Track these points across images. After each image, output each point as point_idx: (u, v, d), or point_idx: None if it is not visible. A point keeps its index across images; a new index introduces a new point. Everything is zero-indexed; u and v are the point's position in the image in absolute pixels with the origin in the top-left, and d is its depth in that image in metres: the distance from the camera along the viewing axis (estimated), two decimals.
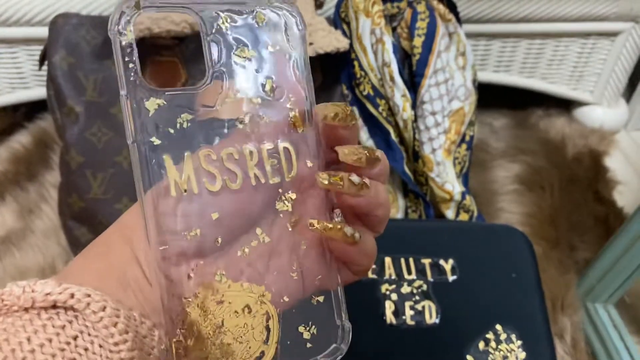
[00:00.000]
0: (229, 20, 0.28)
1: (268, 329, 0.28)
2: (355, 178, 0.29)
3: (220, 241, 0.27)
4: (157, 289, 0.26)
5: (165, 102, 0.27)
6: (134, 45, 0.26)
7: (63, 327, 0.24)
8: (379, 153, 0.30)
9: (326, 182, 0.28)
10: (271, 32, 0.29)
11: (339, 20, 0.73)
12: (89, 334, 0.24)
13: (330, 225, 0.29)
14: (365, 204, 0.29)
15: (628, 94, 1.14)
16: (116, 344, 0.24)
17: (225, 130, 0.28)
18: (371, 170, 0.30)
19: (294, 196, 0.29)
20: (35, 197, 0.86)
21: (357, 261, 0.30)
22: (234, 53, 0.28)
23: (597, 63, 1.03)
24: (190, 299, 0.27)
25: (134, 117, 0.26)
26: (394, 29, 0.71)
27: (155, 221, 0.26)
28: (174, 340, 0.26)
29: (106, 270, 0.27)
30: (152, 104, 0.26)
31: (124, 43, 0.26)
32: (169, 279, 0.26)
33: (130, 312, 0.26)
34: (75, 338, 0.24)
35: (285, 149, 0.29)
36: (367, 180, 0.29)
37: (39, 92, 0.94)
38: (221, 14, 0.28)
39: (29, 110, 1.02)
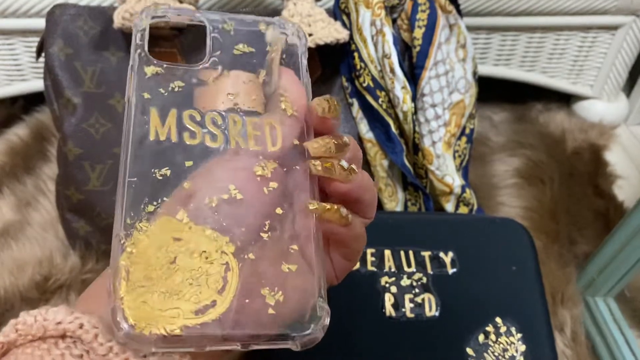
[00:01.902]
0: (233, 24, 0.32)
1: (225, 280, 0.26)
2: (344, 163, 0.29)
3: (189, 186, 0.27)
4: (116, 216, 0.26)
5: (163, 71, 0.30)
6: (146, 32, 0.31)
7: (81, 356, 0.24)
8: (347, 137, 0.30)
9: (319, 167, 0.29)
10: (271, 38, 0.33)
11: (338, 12, 0.73)
12: None
13: (328, 207, 0.29)
14: (355, 189, 0.30)
15: (628, 88, 1.13)
16: None
17: (215, 102, 0.30)
18: (341, 155, 0.30)
19: (274, 165, 0.29)
20: (32, 190, 0.86)
21: (349, 244, 0.31)
22: (234, 46, 0.32)
23: (598, 57, 1.03)
24: (145, 227, 0.26)
25: (134, 80, 0.29)
26: (394, 21, 0.71)
27: (130, 158, 0.27)
28: (121, 262, 0.25)
29: None
30: (151, 69, 0.30)
31: (140, 27, 0.31)
32: (127, 205, 0.26)
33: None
34: None
35: (272, 125, 0.30)
36: (353, 165, 0.30)
37: (36, 84, 0.94)
38: (227, 19, 0.32)
39: (27, 103, 1.01)
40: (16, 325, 0.25)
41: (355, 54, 0.71)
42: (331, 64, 0.73)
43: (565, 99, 1.11)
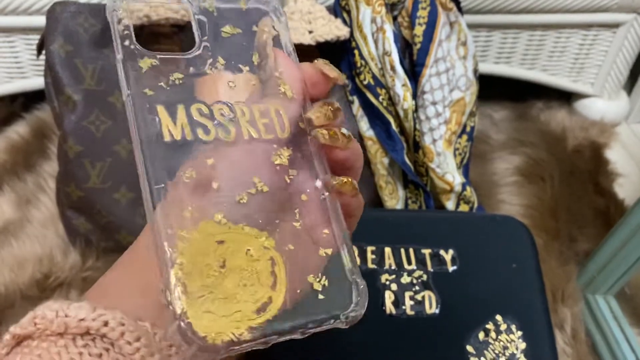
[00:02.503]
0: (214, 2, 0.31)
1: (274, 274, 0.27)
2: (345, 131, 0.30)
3: (217, 186, 0.27)
4: (150, 230, 0.25)
5: (157, 62, 0.28)
6: (130, 20, 0.29)
7: (100, 355, 0.23)
8: (335, 102, 0.31)
9: (327, 137, 0.29)
10: (255, 15, 0.32)
11: (339, 9, 0.73)
12: None
13: (345, 180, 0.30)
14: (352, 155, 0.31)
15: (629, 86, 1.13)
16: None
17: (217, 91, 0.29)
18: (337, 121, 0.31)
19: (289, 152, 0.30)
20: (32, 188, 0.86)
21: (355, 213, 0.32)
22: (221, 29, 0.31)
23: (599, 55, 1.03)
24: (187, 235, 0.26)
25: (128, 75, 0.28)
26: (394, 18, 0.71)
27: (150, 164, 0.26)
28: (173, 279, 0.24)
29: (148, 285, 0.26)
30: (145, 62, 0.28)
31: (118, 16, 0.29)
32: (165, 216, 0.25)
33: (164, 342, 0.25)
34: None
35: (277, 110, 0.30)
36: (349, 133, 0.31)
37: (36, 81, 0.94)
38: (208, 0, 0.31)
39: (27, 101, 1.01)
40: (35, 319, 0.24)
41: (356, 52, 0.71)
42: (331, 61, 0.73)
43: (566, 97, 1.11)
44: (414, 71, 0.70)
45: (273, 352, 0.50)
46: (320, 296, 0.28)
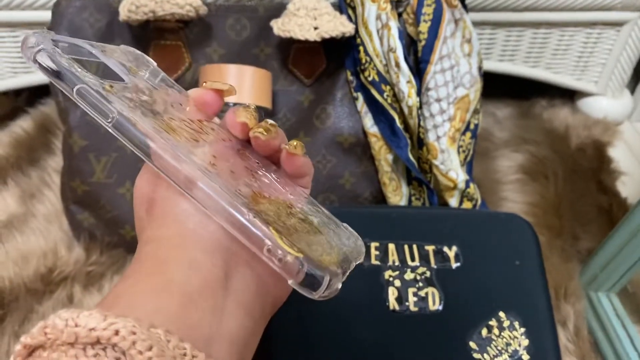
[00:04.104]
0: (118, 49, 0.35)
1: (310, 222, 0.31)
2: (271, 121, 0.34)
3: (235, 171, 0.31)
4: (220, 211, 0.28)
5: (115, 90, 0.30)
6: (65, 61, 0.30)
7: None
8: (250, 105, 0.35)
9: (265, 133, 0.33)
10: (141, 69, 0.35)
11: (344, 5, 0.73)
12: None
13: (295, 143, 0.34)
14: (278, 144, 0.34)
15: (633, 85, 1.13)
16: None
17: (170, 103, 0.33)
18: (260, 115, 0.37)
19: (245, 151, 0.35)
20: (37, 182, 0.86)
21: (310, 168, 0.36)
22: (129, 74, 0.33)
23: (602, 53, 1.03)
24: (252, 211, 0.28)
25: (101, 104, 0.29)
26: (399, 15, 0.71)
27: (177, 154, 0.28)
28: (274, 232, 0.27)
29: (165, 286, 0.26)
30: (106, 88, 0.30)
31: (52, 51, 0.30)
32: (223, 197, 0.28)
33: (181, 344, 0.24)
34: None
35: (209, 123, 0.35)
36: (271, 124, 0.34)
37: (41, 76, 0.94)
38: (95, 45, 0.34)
39: (31, 95, 1.01)
40: (45, 329, 0.23)
41: (361, 48, 0.71)
42: (336, 58, 0.73)
43: (570, 95, 1.11)
44: (418, 68, 0.71)
45: (276, 348, 0.50)
46: (344, 224, 0.35)
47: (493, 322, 0.52)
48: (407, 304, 0.53)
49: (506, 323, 0.52)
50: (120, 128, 0.28)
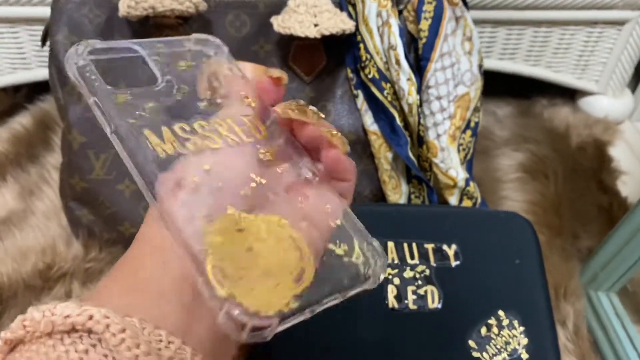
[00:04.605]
0: (165, 47, 0.35)
1: (298, 248, 0.29)
2: (313, 107, 0.32)
3: (220, 185, 0.29)
4: (175, 236, 0.26)
5: (130, 97, 0.31)
6: (91, 65, 0.32)
7: (86, 351, 0.23)
8: (301, 101, 0.33)
9: (297, 112, 0.32)
10: (201, 50, 0.36)
11: (344, 2, 0.72)
12: (113, 358, 0.24)
13: (334, 131, 0.32)
14: (325, 133, 0.32)
15: (633, 84, 1.13)
16: None
17: (191, 109, 0.32)
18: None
19: (271, 149, 0.33)
20: (36, 179, 0.86)
21: (351, 168, 0.33)
22: (176, 64, 0.34)
23: (603, 52, 1.03)
24: (211, 230, 0.27)
25: (107, 112, 0.30)
26: (400, 12, 0.71)
27: (153, 182, 0.28)
28: (209, 268, 0.25)
29: (134, 284, 0.27)
30: (120, 98, 0.31)
31: (79, 65, 0.31)
32: (182, 218, 0.27)
33: (156, 331, 0.25)
34: None
35: (249, 118, 0.33)
36: (304, 104, 0.33)
37: (40, 72, 0.94)
38: (157, 44, 0.34)
39: (30, 92, 1.01)
40: (24, 322, 0.24)
41: (361, 45, 0.70)
42: (336, 55, 0.73)
43: (570, 94, 1.11)
44: (419, 65, 0.70)
45: (276, 347, 0.50)
46: (345, 259, 0.31)
47: (492, 321, 0.52)
48: (406, 302, 0.53)
49: (505, 322, 0.52)
50: (115, 141, 0.30)
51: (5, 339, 0.24)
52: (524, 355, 0.50)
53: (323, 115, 0.33)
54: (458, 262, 0.55)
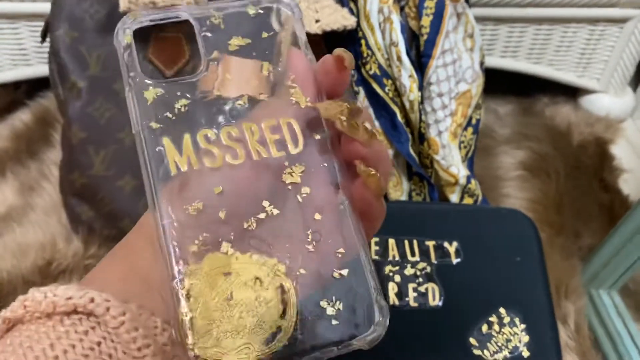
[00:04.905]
0: (221, 15, 0.30)
1: (284, 302, 0.26)
2: (368, 125, 0.28)
3: (225, 215, 0.27)
4: (161, 263, 0.26)
5: (163, 91, 0.28)
6: (133, 47, 0.29)
7: (86, 332, 0.24)
8: (359, 104, 0.30)
9: (345, 124, 0.27)
10: (264, 21, 0.30)
11: None
12: (112, 340, 0.24)
13: (372, 171, 0.28)
14: (373, 155, 0.29)
15: (635, 82, 1.12)
16: (139, 349, 0.24)
17: (224, 112, 0.29)
18: (356, 119, 0.29)
19: (301, 168, 0.28)
20: (36, 175, 0.86)
21: (377, 218, 0.30)
22: (228, 43, 0.30)
23: (605, 50, 1.02)
24: (194, 270, 0.26)
25: (136, 108, 0.28)
26: (402, 8, 0.70)
27: (160, 198, 0.26)
28: (181, 312, 0.25)
29: (130, 272, 0.27)
30: (150, 93, 0.28)
31: (123, 44, 0.29)
32: (172, 251, 0.26)
33: (152, 318, 0.25)
34: (99, 344, 0.24)
35: (289, 123, 0.29)
36: (375, 131, 0.28)
37: (40, 69, 0.93)
38: (213, 11, 0.30)
39: (30, 88, 1.01)
40: (25, 302, 0.24)
41: (362, 42, 0.70)
42: None
43: (572, 92, 1.11)
44: (420, 62, 0.70)
45: None
46: (334, 322, 0.27)
47: (493, 318, 0.52)
48: (407, 299, 0.53)
49: (507, 319, 0.52)
50: (136, 140, 0.28)
51: (5, 317, 0.25)
52: (525, 353, 0.50)
53: (378, 134, 0.29)
54: (459, 260, 0.55)
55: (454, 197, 0.74)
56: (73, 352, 0.23)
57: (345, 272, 0.28)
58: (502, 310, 0.52)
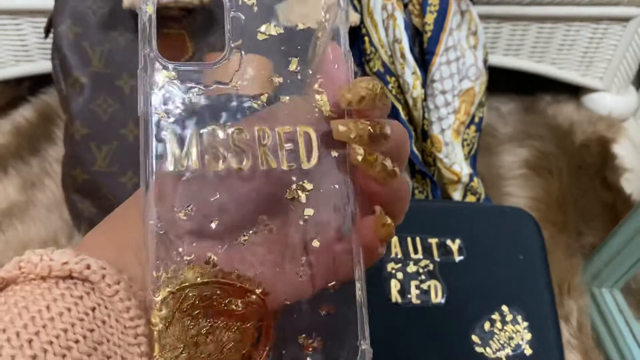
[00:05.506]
0: None
1: (259, 331, 0.25)
2: (388, 163, 0.25)
3: (216, 225, 0.25)
4: (144, 263, 0.25)
5: (176, 77, 0.25)
6: (153, 20, 0.25)
7: (81, 297, 0.24)
8: (389, 127, 0.25)
9: (360, 158, 0.24)
10: (304, 9, 0.27)
11: None
12: (106, 307, 0.24)
13: (387, 222, 0.25)
14: (389, 194, 0.26)
15: (638, 81, 1.12)
16: (132, 318, 0.24)
17: (239, 109, 0.26)
18: (377, 146, 0.25)
19: (310, 186, 0.25)
20: (38, 171, 0.86)
21: (377, 257, 0.27)
22: (257, 30, 0.26)
23: (608, 49, 1.02)
24: (172, 280, 0.24)
25: (145, 90, 0.25)
26: (405, 5, 0.70)
27: (152, 194, 0.25)
28: (152, 322, 0.24)
29: (124, 243, 0.26)
30: (162, 76, 0.25)
31: (144, 17, 0.25)
32: (153, 255, 0.24)
33: (140, 292, 0.25)
34: (93, 309, 0.23)
35: (306, 133, 0.26)
36: (397, 169, 0.25)
37: (43, 65, 0.93)
38: None
39: (33, 84, 1.01)
40: (20, 263, 0.24)
41: (366, 39, 0.70)
42: None
43: (575, 91, 1.11)
44: (423, 59, 0.70)
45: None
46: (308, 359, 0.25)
47: (496, 316, 0.52)
48: (409, 296, 0.53)
49: (509, 317, 0.52)
50: (140, 122, 0.26)
51: None
52: (527, 351, 0.50)
53: (397, 173, 0.25)
54: (462, 257, 0.55)
55: (457, 195, 0.74)
56: (68, 315, 0.23)
57: (332, 308, 0.25)
58: (504, 308, 0.52)
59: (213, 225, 0.25)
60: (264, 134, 0.25)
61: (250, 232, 0.25)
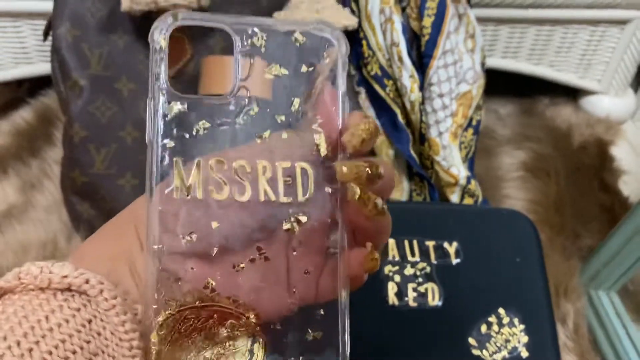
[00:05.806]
0: (264, 37, 0.28)
1: (252, 352, 0.26)
2: (379, 202, 0.27)
3: (216, 251, 0.26)
4: (145, 285, 0.26)
5: (186, 109, 0.27)
6: (165, 52, 0.27)
7: (78, 309, 0.24)
8: (383, 168, 0.28)
9: (357, 196, 0.27)
10: (308, 53, 0.28)
11: None
12: (102, 320, 0.25)
13: (374, 257, 0.28)
14: (375, 229, 0.28)
15: (636, 83, 1.12)
16: (127, 332, 0.25)
17: (243, 143, 0.28)
18: (372, 185, 0.28)
19: (304, 219, 0.28)
20: (37, 173, 0.86)
21: (360, 285, 0.29)
22: (265, 70, 0.28)
23: (606, 51, 1.02)
24: (172, 303, 0.26)
25: (154, 119, 0.27)
26: (403, 9, 0.71)
27: (155, 220, 0.26)
28: (152, 342, 0.25)
29: (118, 255, 0.27)
30: (172, 108, 0.27)
31: (157, 46, 0.27)
32: (155, 277, 0.26)
33: (134, 305, 0.26)
34: (89, 322, 0.24)
35: (303, 169, 0.28)
36: (385, 206, 0.28)
37: (42, 67, 0.93)
38: (257, 31, 0.28)
39: (32, 86, 1.01)
40: (19, 274, 0.25)
41: (364, 42, 0.70)
42: None
43: (572, 94, 1.11)
44: (421, 63, 0.70)
45: None
46: None
47: (493, 319, 0.52)
48: (406, 299, 0.53)
49: (506, 320, 0.52)
50: (148, 148, 0.27)
51: None
52: (524, 353, 0.50)
53: (385, 211, 0.28)
54: (459, 260, 0.55)
55: (455, 198, 0.74)
56: (67, 326, 0.24)
57: (319, 335, 0.28)
58: (501, 310, 0.52)
59: (213, 252, 0.26)
60: (265, 168, 0.27)
61: (247, 259, 0.27)
